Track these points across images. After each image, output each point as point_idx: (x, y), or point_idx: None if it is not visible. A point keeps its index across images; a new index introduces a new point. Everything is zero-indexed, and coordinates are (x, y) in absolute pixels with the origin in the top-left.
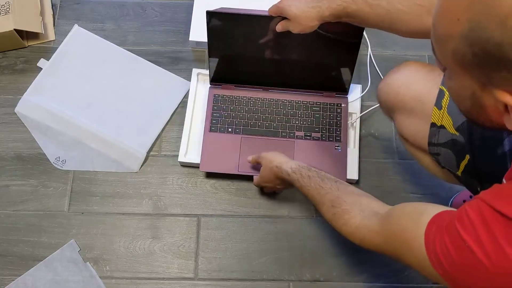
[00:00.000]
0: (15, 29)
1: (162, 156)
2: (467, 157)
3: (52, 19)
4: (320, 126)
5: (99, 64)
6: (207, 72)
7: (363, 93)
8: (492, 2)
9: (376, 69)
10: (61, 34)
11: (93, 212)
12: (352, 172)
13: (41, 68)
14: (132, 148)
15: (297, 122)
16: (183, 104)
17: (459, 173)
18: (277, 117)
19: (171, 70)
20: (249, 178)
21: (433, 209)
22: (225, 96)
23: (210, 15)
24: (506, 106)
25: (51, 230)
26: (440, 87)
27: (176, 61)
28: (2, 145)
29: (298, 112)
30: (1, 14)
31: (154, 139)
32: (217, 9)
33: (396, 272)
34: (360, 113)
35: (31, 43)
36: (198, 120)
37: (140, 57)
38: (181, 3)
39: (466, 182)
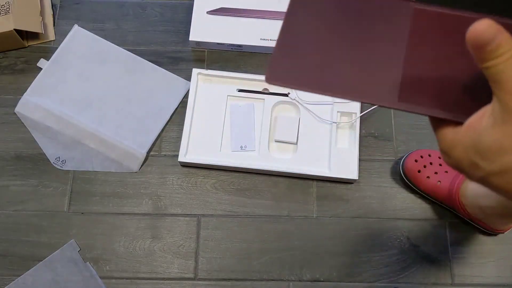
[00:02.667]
0: (15, 29)
1: (162, 156)
2: None
3: (52, 19)
4: None
5: (99, 64)
6: (207, 72)
7: None
8: None
9: None
10: (61, 34)
11: (93, 212)
12: (352, 172)
13: (41, 68)
14: (132, 148)
15: None
16: (183, 104)
17: None
18: None
19: (171, 70)
20: (255, 175)
21: None
22: None
23: None
24: None
25: (51, 230)
26: None
27: (176, 61)
28: (2, 145)
29: None
30: (1, 14)
31: (154, 139)
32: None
33: (396, 272)
34: (360, 113)
35: (31, 43)
36: (198, 120)
37: (140, 57)
38: (181, 3)
39: None
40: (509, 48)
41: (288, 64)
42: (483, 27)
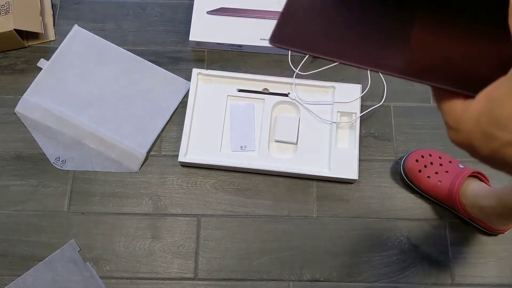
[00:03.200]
0: (15, 29)
1: (162, 156)
2: None
3: (52, 19)
4: None
5: (99, 64)
6: (207, 72)
7: (363, 93)
8: None
9: None
10: (61, 34)
11: (93, 212)
12: (352, 172)
13: (41, 68)
14: (132, 148)
15: None
16: (183, 104)
17: None
18: None
19: (171, 70)
20: (252, 175)
21: None
22: None
23: None
24: None
25: (51, 230)
26: None
27: (176, 61)
28: (2, 145)
29: None
30: (1, 14)
31: (154, 139)
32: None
33: (396, 272)
34: (360, 113)
35: (31, 43)
36: (198, 120)
37: (140, 57)
38: (181, 3)
39: None
40: None
41: (294, 27)
42: None
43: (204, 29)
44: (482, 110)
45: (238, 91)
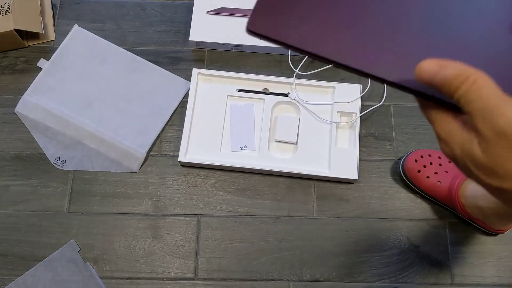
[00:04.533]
0: (15, 29)
1: (162, 156)
2: None
3: (52, 19)
4: None
5: (99, 64)
6: (207, 72)
7: (363, 93)
8: None
9: None
10: (61, 34)
11: (93, 212)
12: (352, 172)
13: (41, 68)
14: (132, 148)
15: None
16: (183, 104)
17: None
18: None
19: (171, 70)
20: (250, 175)
21: None
22: None
23: None
24: None
25: (51, 230)
26: None
27: (176, 61)
28: (2, 145)
29: None
30: (1, 14)
31: (154, 139)
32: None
33: (396, 272)
34: (360, 113)
35: (31, 43)
36: (198, 120)
37: (140, 57)
38: (181, 3)
39: None
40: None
41: (276, 13)
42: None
43: (204, 29)
44: (466, 141)
45: (238, 91)
